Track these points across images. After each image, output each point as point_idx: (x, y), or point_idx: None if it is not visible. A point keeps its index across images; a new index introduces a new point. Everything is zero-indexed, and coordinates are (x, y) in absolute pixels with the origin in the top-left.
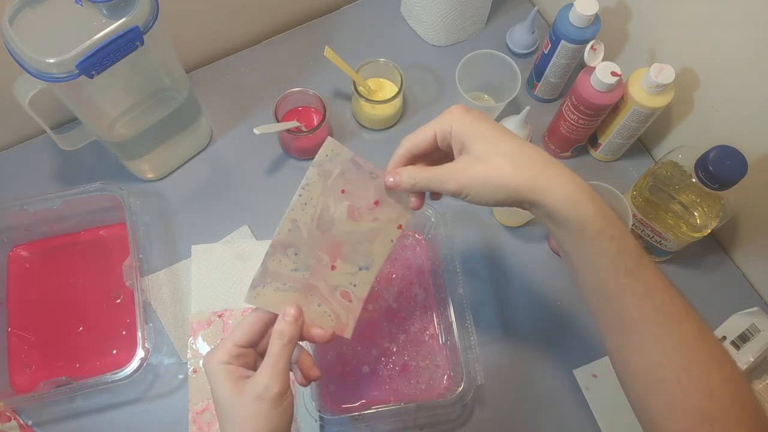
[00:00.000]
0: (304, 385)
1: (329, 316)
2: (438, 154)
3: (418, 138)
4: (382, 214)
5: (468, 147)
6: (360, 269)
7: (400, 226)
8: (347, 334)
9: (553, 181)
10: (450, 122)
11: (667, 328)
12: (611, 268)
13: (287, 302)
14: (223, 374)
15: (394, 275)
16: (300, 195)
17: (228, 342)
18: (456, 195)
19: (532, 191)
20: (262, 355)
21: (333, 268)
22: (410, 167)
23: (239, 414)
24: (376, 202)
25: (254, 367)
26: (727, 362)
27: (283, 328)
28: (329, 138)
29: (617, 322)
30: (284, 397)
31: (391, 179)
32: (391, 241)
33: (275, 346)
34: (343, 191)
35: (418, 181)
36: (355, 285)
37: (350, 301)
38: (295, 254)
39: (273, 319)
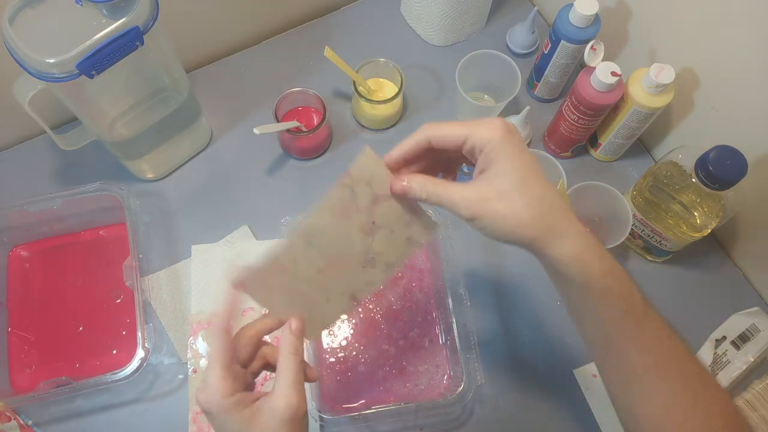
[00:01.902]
0: None
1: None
2: (436, 156)
3: (445, 132)
4: (383, 216)
5: (493, 176)
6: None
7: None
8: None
9: (564, 236)
10: (490, 138)
11: (670, 377)
12: (617, 324)
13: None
14: (234, 409)
15: (399, 274)
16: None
17: (216, 367)
18: (466, 220)
19: (543, 242)
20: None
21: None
22: (422, 177)
23: None
24: (375, 201)
25: (251, 385)
26: (728, 405)
27: (296, 344)
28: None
29: (621, 372)
30: (306, 413)
31: (399, 186)
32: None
33: (291, 363)
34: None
35: (430, 195)
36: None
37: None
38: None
39: (262, 335)
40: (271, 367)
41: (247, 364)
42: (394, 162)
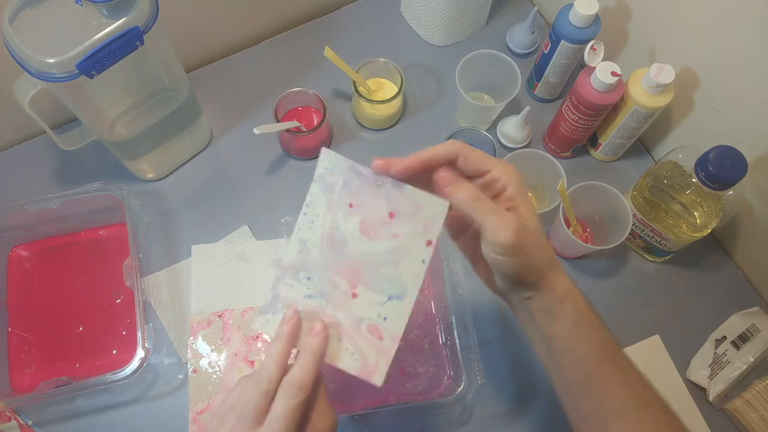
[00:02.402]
0: None
1: (352, 354)
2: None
3: (476, 156)
4: (402, 228)
5: (524, 212)
6: (389, 299)
7: (429, 242)
8: (376, 379)
9: (561, 273)
10: (516, 178)
11: (643, 414)
12: (598, 360)
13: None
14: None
15: None
16: (305, 213)
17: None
18: (500, 245)
19: (547, 270)
20: None
21: (354, 296)
22: (471, 187)
23: None
24: (391, 214)
25: None
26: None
27: (321, 345)
28: (324, 149)
29: (599, 412)
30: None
31: (443, 177)
32: (423, 261)
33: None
34: (351, 205)
35: (474, 208)
36: (385, 318)
37: (381, 338)
38: (308, 279)
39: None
40: None
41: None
42: (417, 161)
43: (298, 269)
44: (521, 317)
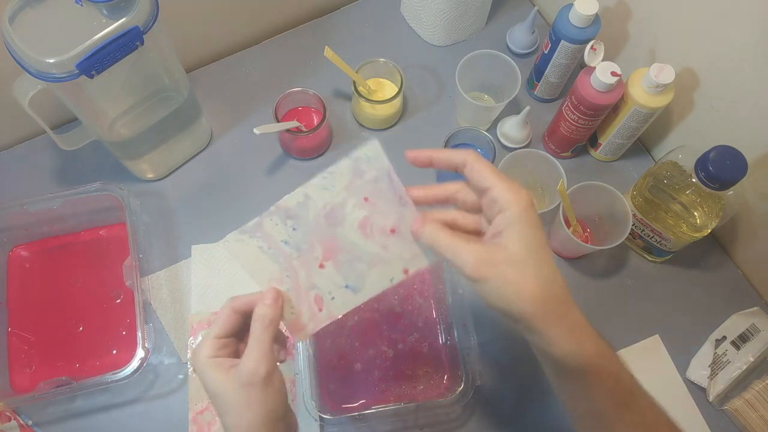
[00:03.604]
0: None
1: (291, 308)
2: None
3: (482, 170)
4: (394, 245)
5: (509, 241)
6: (347, 287)
7: (406, 270)
8: (300, 336)
9: (564, 319)
10: (515, 202)
11: None
12: (608, 402)
13: (261, 266)
14: (211, 368)
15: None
16: (324, 177)
17: (209, 337)
18: (466, 278)
19: (541, 322)
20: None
21: (321, 266)
22: (435, 227)
23: (232, 403)
24: (393, 230)
25: (240, 356)
26: None
27: (263, 312)
28: (376, 140)
29: None
30: (272, 378)
31: (413, 229)
32: (390, 280)
33: (256, 330)
34: (366, 199)
35: (437, 245)
36: (333, 298)
37: (320, 309)
38: (293, 229)
39: (248, 309)
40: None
41: (237, 334)
42: (426, 157)
43: (289, 216)
44: (532, 346)
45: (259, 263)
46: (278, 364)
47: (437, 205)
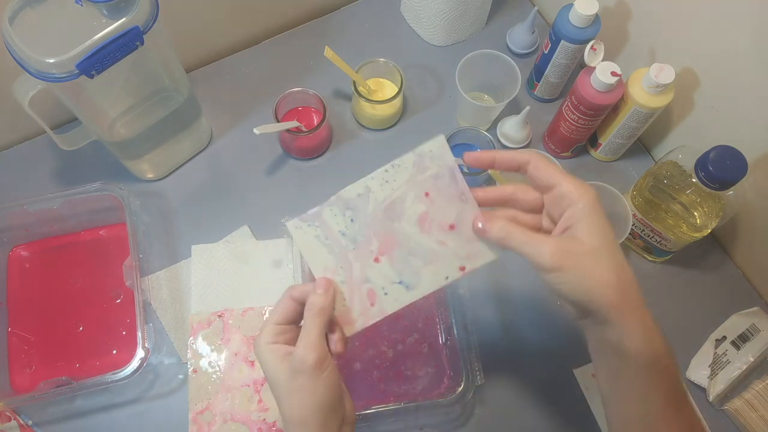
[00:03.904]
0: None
1: (343, 301)
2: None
3: (547, 168)
4: (452, 242)
5: (582, 233)
6: (401, 282)
7: (462, 268)
8: (347, 330)
9: (638, 310)
10: (584, 196)
11: None
12: (663, 402)
13: (317, 255)
14: (269, 354)
15: None
16: (386, 170)
17: (269, 323)
18: (543, 269)
19: (620, 311)
20: None
21: (377, 260)
22: (504, 221)
23: (284, 390)
24: (452, 226)
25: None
26: None
27: (313, 300)
28: (442, 136)
29: None
30: (322, 367)
31: (480, 225)
32: (446, 278)
33: (306, 318)
34: (427, 194)
35: (510, 239)
36: (386, 293)
37: (372, 305)
38: (351, 221)
39: (305, 298)
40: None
41: (296, 322)
42: (489, 158)
43: (348, 207)
44: (591, 344)
45: (315, 252)
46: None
47: (496, 206)
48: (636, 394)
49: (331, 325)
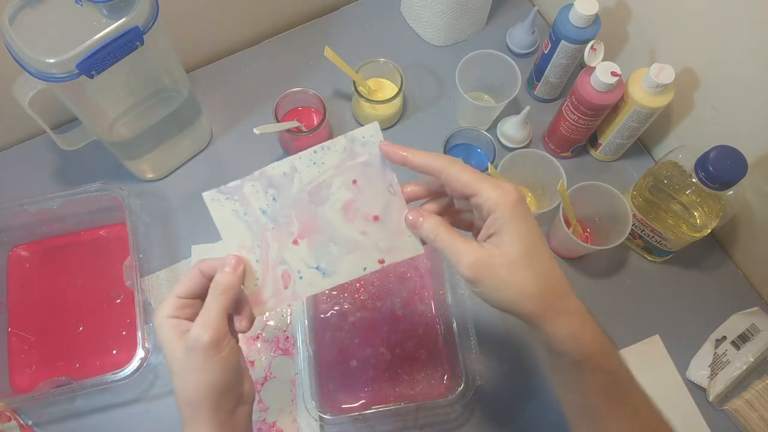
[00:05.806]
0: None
1: (256, 280)
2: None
3: (460, 176)
4: (375, 233)
5: (503, 243)
6: (317, 268)
7: (382, 261)
8: (257, 311)
9: (563, 315)
10: (502, 203)
11: None
12: (602, 396)
13: (233, 230)
14: (167, 328)
15: (408, 274)
16: (315, 152)
17: (171, 296)
18: (465, 280)
19: (541, 319)
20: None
21: (295, 242)
22: (437, 220)
23: (179, 368)
24: (376, 217)
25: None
26: None
27: (219, 278)
28: (376, 122)
29: None
30: (219, 348)
31: (411, 218)
32: (364, 269)
33: (209, 296)
34: (354, 182)
35: (437, 241)
36: (301, 277)
37: (285, 287)
38: (273, 199)
39: (213, 271)
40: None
41: (202, 296)
42: (401, 158)
43: (272, 184)
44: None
45: (231, 227)
46: (240, 336)
47: (429, 197)
48: (573, 387)
49: (239, 305)
